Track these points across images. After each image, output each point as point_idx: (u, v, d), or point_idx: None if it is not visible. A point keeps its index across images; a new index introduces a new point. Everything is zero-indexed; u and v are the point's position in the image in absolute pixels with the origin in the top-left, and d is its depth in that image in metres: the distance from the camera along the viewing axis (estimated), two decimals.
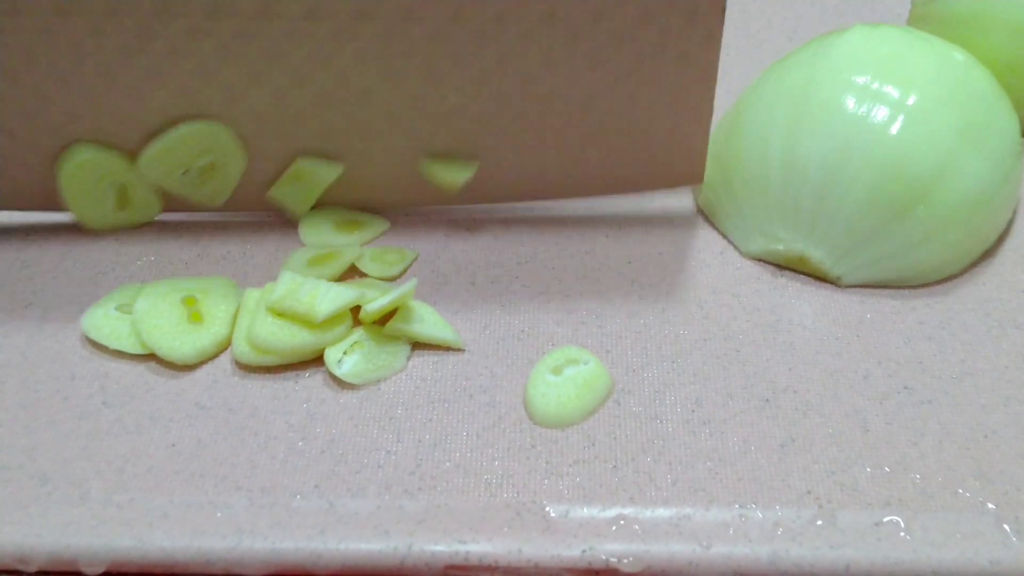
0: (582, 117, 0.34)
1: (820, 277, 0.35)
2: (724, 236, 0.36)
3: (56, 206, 0.36)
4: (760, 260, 0.35)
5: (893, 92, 0.33)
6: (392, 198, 0.37)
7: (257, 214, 0.38)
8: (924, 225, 0.33)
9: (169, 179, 0.36)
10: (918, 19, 0.42)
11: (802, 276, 0.35)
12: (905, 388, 0.31)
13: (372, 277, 0.35)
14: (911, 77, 0.33)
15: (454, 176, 0.35)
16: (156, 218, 0.38)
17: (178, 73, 0.33)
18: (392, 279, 0.35)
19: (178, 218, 0.38)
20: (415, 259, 0.36)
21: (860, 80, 0.33)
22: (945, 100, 0.33)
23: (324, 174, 0.36)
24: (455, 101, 0.33)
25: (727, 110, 0.39)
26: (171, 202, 0.37)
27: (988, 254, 0.35)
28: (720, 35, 0.32)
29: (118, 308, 0.34)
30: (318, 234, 0.37)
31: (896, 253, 0.33)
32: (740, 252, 0.36)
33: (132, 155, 0.35)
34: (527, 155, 0.35)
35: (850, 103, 0.33)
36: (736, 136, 0.36)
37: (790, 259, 0.35)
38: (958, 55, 0.34)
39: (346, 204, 0.37)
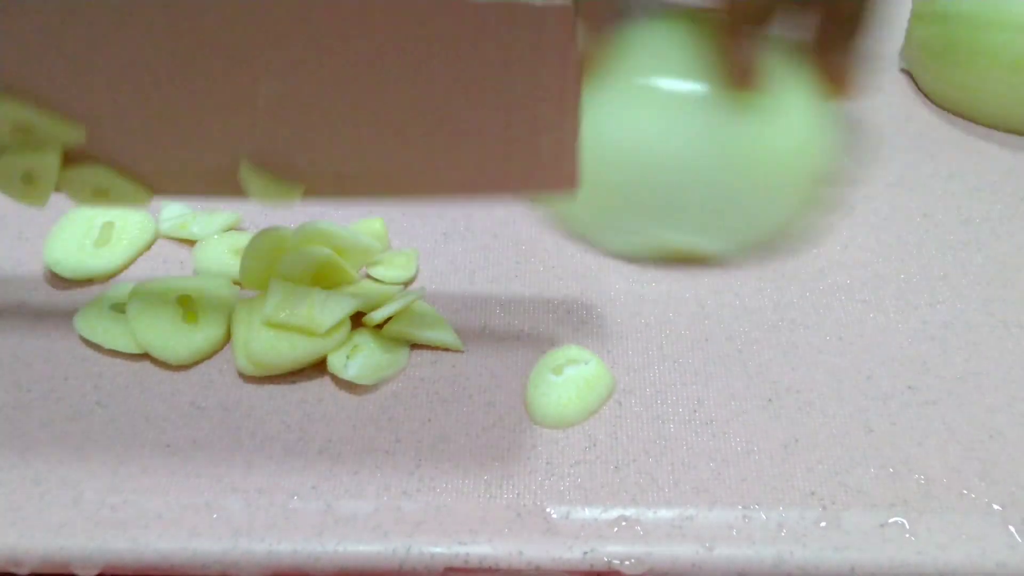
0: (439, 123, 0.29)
1: (699, 261, 0.35)
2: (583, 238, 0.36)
3: None
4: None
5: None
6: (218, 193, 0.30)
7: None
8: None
9: None
10: (920, 17, 0.42)
11: (802, 277, 0.35)
12: (909, 388, 0.31)
13: (379, 282, 0.34)
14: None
15: (275, 193, 0.30)
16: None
17: None
18: (406, 284, 0.35)
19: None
20: (417, 259, 0.36)
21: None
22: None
23: (58, 133, 0.28)
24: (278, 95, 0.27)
25: None
26: None
27: (993, 255, 0.35)
28: (574, 39, 0.26)
29: (112, 308, 0.33)
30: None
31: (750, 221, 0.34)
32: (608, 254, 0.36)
33: None
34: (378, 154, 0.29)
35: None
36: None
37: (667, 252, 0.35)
38: None
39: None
